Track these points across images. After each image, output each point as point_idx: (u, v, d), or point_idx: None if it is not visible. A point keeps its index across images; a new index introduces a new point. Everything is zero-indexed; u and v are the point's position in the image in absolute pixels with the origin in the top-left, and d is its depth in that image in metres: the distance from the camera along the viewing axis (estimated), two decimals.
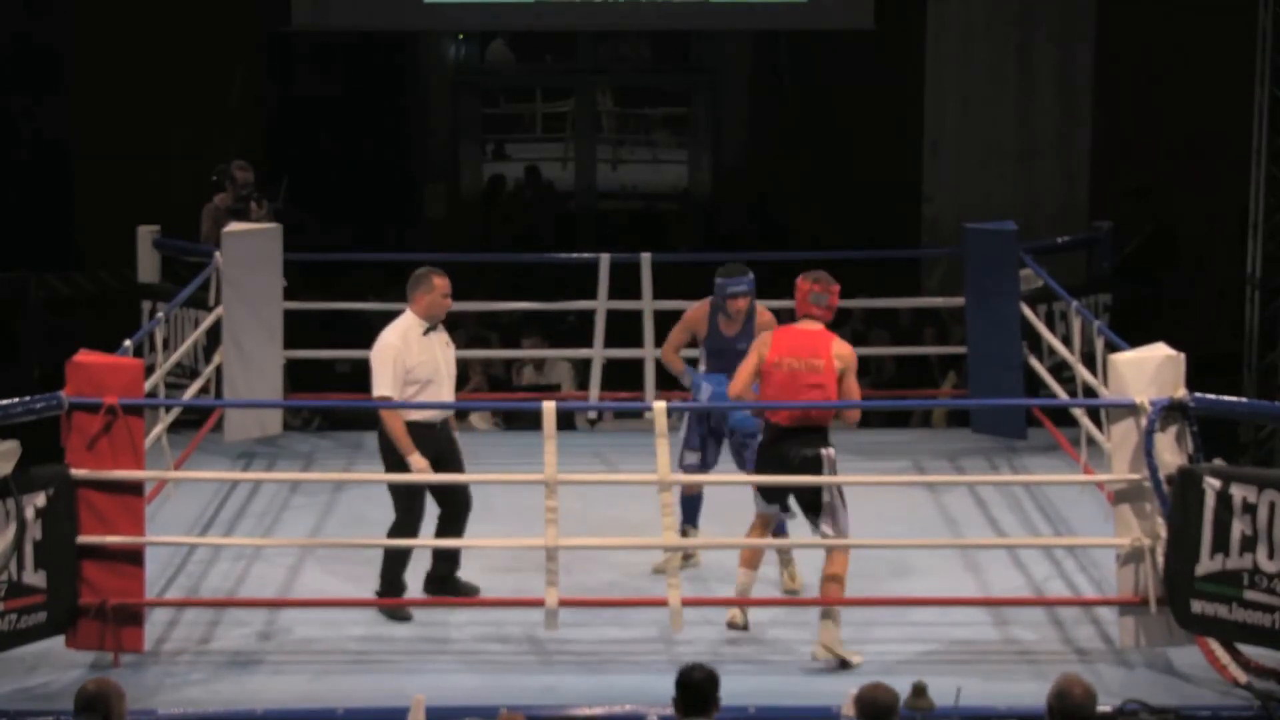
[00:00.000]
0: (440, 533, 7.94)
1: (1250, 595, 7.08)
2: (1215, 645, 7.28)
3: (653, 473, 7.61)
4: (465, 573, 8.03)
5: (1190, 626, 7.27)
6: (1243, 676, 7.18)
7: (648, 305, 10.58)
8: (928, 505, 9.26)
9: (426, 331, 7.86)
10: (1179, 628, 7.31)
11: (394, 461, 7.80)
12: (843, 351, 7.60)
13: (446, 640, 7.61)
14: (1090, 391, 9.20)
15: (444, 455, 7.85)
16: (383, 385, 7.75)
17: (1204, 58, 13.27)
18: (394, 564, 7.83)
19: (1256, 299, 11.60)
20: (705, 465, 8.39)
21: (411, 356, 7.77)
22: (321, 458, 10.20)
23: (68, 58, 14.11)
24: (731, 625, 7.64)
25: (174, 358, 9.60)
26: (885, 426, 11.50)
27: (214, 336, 9.98)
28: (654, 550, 8.06)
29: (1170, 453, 7.30)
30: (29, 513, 7.13)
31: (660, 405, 7.68)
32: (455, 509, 7.91)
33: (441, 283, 7.95)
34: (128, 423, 7.34)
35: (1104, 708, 6.70)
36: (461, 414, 11.63)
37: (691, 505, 8.46)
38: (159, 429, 8.78)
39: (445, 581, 7.97)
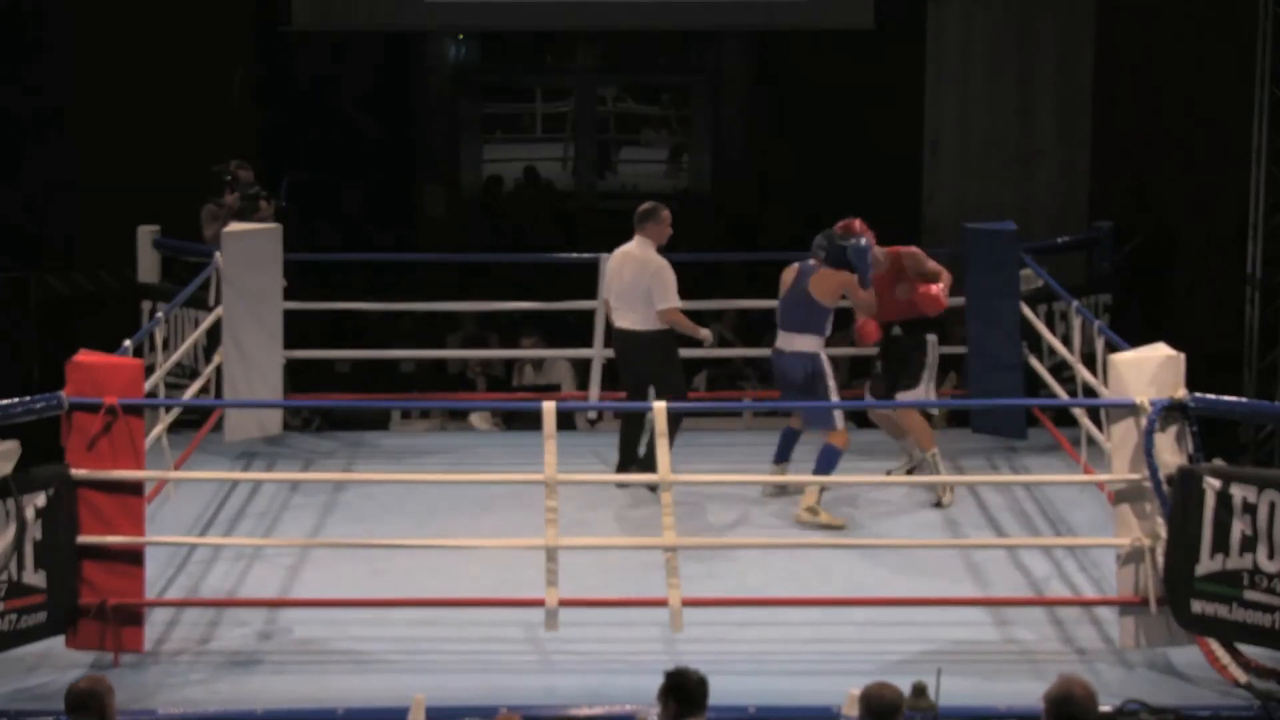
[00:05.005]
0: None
1: (1250, 595, 7.09)
2: (1215, 645, 7.28)
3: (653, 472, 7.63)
4: (464, 573, 8.05)
5: (1190, 626, 7.27)
6: (1243, 676, 7.17)
7: None
8: (928, 505, 9.26)
9: None
10: (1179, 628, 7.31)
11: (669, 364, 9.28)
12: None
13: (446, 640, 7.61)
14: (1090, 391, 9.20)
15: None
16: (673, 297, 9.22)
17: (1204, 58, 13.27)
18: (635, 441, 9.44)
19: (1256, 299, 11.60)
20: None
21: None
22: (321, 458, 10.19)
23: (67, 58, 14.10)
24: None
25: (174, 358, 9.60)
26: None
27: (214, 336, 9.98)
28: (654, 550, 8.06)
29: (1170, 453, 7.30)
30: (29, 513, 7.13)
31: (660, 405, 7.71)
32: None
33: (667, 215, 9.38)
34: (128, 423, 7.34)
35: (1104, 708, 6.70)
36: (461, 414, 11.67)
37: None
38: (159, 429, 8.78)
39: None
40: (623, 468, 9.50)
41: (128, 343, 8.51)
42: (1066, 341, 9.73)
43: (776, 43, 16.04)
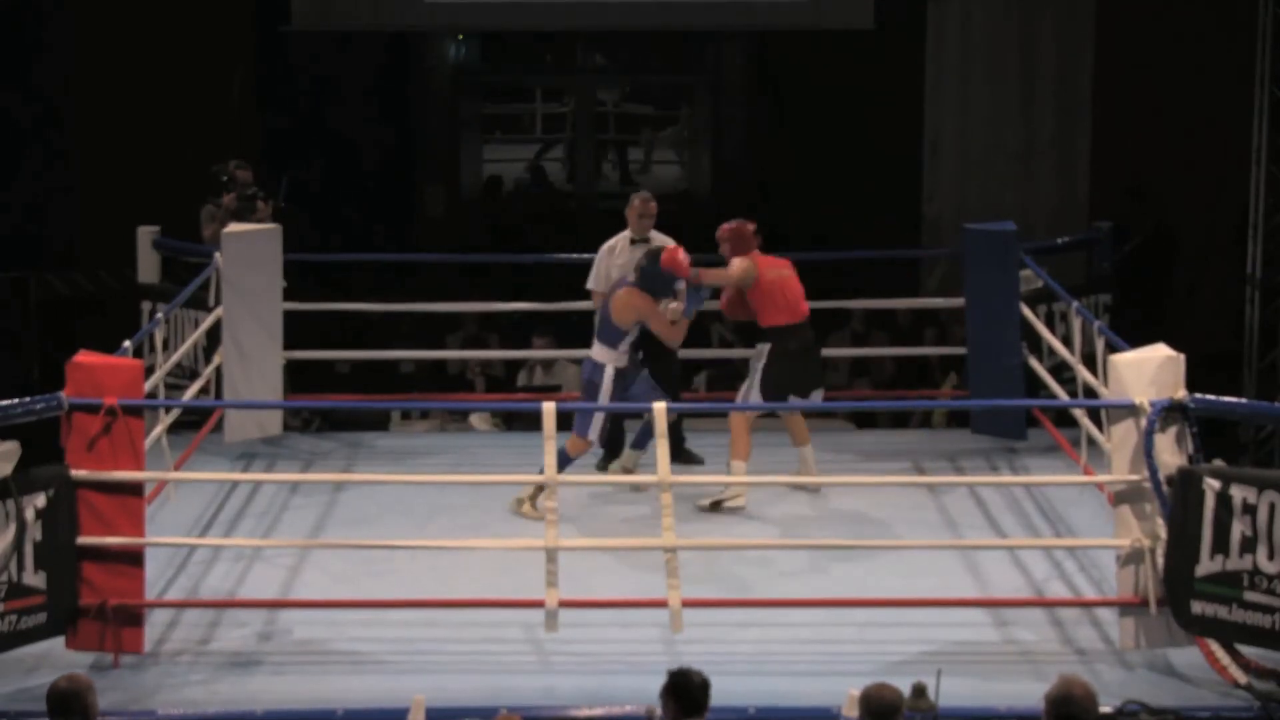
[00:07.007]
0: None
1: (1250, 596, 7.09)
2: (1215, 646, 7.28)
3: (652, 473, 7.62)
4: (463, 573, 8.05)
5: (1190, 627, 7.27)
6: (1242, 677, 7.17)
7: None
8: (928, 505, 9.26)
9: (634, 242, 9.64)
10: (1179, 628, 7.31)
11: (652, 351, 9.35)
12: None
13: (446, 640, 7.61)
14: (1090, 392, 9.20)
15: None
16: (591, 281, 9.77)
17: (1204, 58, 13.27)
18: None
19: (1256, 299, 11.60)
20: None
21: (613, 260, 9.64)
22: (321, 458, 10.19)
23: (67, 58, 14.10)
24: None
25: (174, 358, 9.61)
26: (885, 427, 11.52)
27: (214, 337, 9.98)
28: (654, 550, 8.07)
29: (1170, 453, 7.30)
30: (29, 513, 7.13)
31: (660, 406, 7.71)
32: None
33: (639, 204, 9.81)
34: (128, 423, 7.34)
35: (1104, 708, 6.70)
36: (461, 414, 11.67)
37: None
38: (159, 429, 8.78)
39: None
40: (607, 461, 9.65)
41: (128, 343, 8.51)
42: (1066, 342, 9.72)
43: (776, 43, 16.03)
